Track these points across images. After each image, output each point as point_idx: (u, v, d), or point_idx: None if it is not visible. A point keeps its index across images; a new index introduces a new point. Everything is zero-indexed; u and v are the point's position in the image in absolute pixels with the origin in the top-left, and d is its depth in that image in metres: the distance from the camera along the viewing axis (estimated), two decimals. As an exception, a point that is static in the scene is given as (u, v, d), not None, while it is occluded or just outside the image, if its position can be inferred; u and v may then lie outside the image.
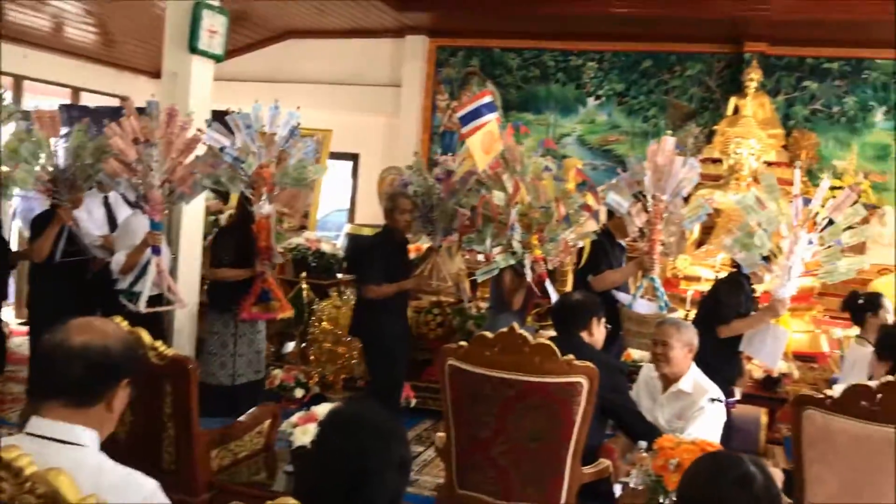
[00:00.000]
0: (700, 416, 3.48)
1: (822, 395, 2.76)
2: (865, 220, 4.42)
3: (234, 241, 4.73)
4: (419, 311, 6.04)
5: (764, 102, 8.36)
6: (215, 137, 4.47)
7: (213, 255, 4.87)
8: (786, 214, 4.14)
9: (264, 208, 4.59)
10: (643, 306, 4.69)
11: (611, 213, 4.92)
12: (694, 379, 3.63)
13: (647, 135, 9.03)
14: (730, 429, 3.91)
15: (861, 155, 8.45)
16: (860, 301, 5.01)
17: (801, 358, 6.25)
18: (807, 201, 4.15)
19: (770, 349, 4.42)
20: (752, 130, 7.59)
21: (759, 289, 4.64)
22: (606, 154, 9.19)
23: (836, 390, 2.82)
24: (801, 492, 2.82)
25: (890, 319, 4.81)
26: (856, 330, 5.82)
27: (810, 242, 4.10)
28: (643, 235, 4.69)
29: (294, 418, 3.49)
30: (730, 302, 4.44)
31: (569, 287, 5.98)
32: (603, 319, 3.69)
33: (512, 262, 4.62)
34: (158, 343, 3.17)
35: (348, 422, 1.79)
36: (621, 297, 4.72)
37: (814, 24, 7.93)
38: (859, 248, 6.17)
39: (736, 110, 8.22)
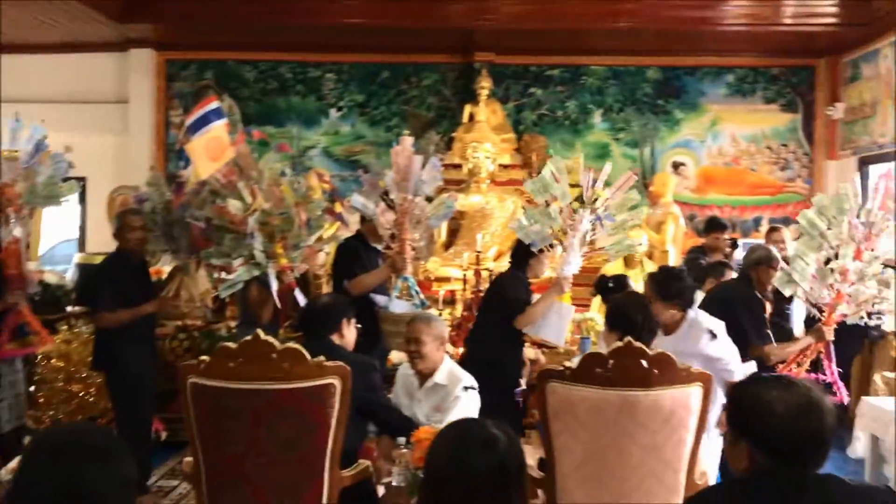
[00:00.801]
0: (456, 405, 3.53)
1: (562, 367, 2.87)
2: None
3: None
4: (164, 338, 5.63)
5: (496, 109, 8.80)
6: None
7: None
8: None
9: (14, 231, 4.08)
10: (400, 307, 4.70)
11: (364, 217, 4.91)
12: (448, 370, 3.68)
13: (391, 144, 9.10)
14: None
15: (585, 154, 9.13)
16: (609, 284, 5.39)
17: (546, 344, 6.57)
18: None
19: (556, 326, 4.60)
20: (486, 135, 7.95)
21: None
22: (353, 164, 9.20)
23: (574, 362, 2.95)
24: (551, 462, 2.92)
25: None
26: (592, 313, 6.27)
27: (596, 220, 4.36)
28: (394, 237, 4.71)
29: (13, 463, 3.07)
30: (517, 295, 4.58)
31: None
32: (353, 320, 3.63)
33: (256, 273, 4.43)
34: None
35: (56, 445, 1.56)
36: (378, 299, 4.70)
37: (536, 34, 8.50)
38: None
39: (471, 117, 8.57)
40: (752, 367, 4.14)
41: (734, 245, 7.14)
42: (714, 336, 3.81)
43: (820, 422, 1.77)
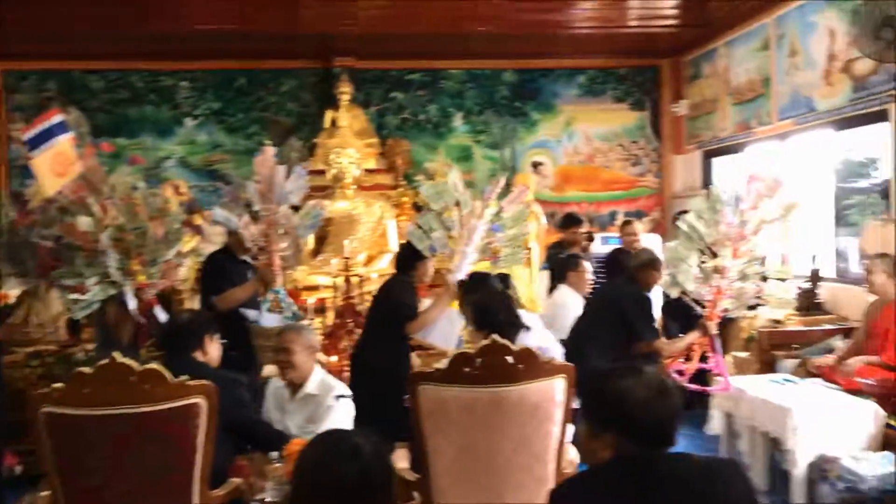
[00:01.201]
0: (329, 414, 3.51)
1: (432, 369, 2.91)
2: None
3: None
4: (14, 366, 5.30)
5: (358, 114, 8.79)
6: None
7: None
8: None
9: None
10: (272, 320, 4.61)
11: (230, 231, 4.78)
12: (320, 380, 3.66)
13: (252, 152, 8.97)
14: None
15: (447, 156, 9.30)
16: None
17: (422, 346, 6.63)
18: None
19: (445, 332, 4.62)
20: (348, 141, 7.92)
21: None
22: (212, 174, 8.96)
23: (444, 363, 2.99)
24: (425, 464, 2.95)
25: None
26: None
27: (492, 229, 4.45)
28: (262, 249, 4.61)
29: None
30: (407, 300, 4.57)
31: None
32: (216, 336, 3.54)
33: (112, 292, 4.23)
34: None
35: None
36: (248, 313, 4.59)
37: (395, 38, 8.50)
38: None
39: (333, 123, 8.51)
40: None
41: (590, 238, 7.44)
42: (528, 329, 3.97)
43: (674, 402, 1.89)
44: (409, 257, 4.72)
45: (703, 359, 4.85)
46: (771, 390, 4.74)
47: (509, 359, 2.87)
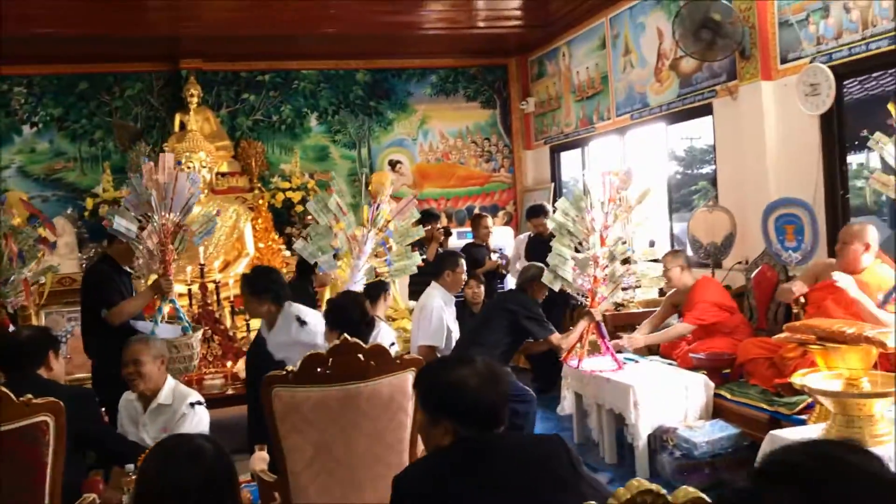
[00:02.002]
0: (184, 422, 3.50)
1: (284, 372, 2.97)
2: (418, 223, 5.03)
3: None
4: None
5: (208, 116, 8.65)
6: None
7: None
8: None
9: None
10: (168, 331, 4.53)
11: (111, 239, 4.61)
12: (172, 389, 3.63)
13: (98, 159, 8.69)
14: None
15: (304, 157, 9.29)
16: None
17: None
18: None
19: None
20: (199, 144, 7.78)
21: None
22: (56, 183, 8.57)
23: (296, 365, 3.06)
24: (283, 464, 3.01)
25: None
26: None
27: (382, 244, 4.51)
28: (154, 257, 4.49)
29: None
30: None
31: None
32: (61, 352, 3.45)
33: None
34: None
35: None
36: (140, 325, 4.47)
37: (244, 39, 8.39)
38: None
39: (182, 126, 8.34)
40: None
41: (447, 233, 7.65)
42: (303, 323, 4.14)
43: (504, 388, 2.06)
44: (306, 266, 4.88)
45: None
46: (613, 369, 5.07)
47: (360, 356, 2.98)
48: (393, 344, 5.07)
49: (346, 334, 3.06)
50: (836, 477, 1.08)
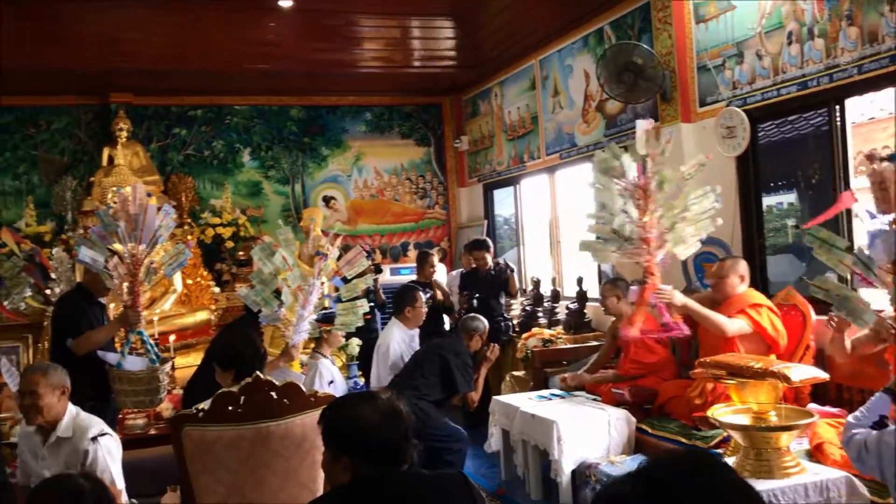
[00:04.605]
0: (93, 459, 3.32)
1: (194, 411, 2.92)
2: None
3: None
4: None
5: (138, 151, 8.52)
6: None
7: None
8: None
9: None
10: (134, 363, 4.44)
11: (85, 270, 4.63)
12: (73, 420, 3.45)
13: (22, 193, 8.50)
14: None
15: (236, 192, 9.22)
16: None
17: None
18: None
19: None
20: (127, 178, 7.63)
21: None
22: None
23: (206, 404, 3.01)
24: (192, 505, 2.95)
25: None
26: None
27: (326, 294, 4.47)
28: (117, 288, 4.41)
29: None
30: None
31: None
32: None
33: None
34: None
35: None
36: (108, 357, 4.41)
37: (176, 74, 8.34)
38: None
39: (111, 160, 8.21)
40: None
41: (378, 270, 7.64)
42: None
43: (404, 424, 2.06)
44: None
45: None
46: (538, 405, 5.11)
47: (273, 394, 2.95)
48: (332, 382, 5.06)
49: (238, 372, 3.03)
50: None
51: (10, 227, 7.59)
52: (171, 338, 5.86)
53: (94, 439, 3.32)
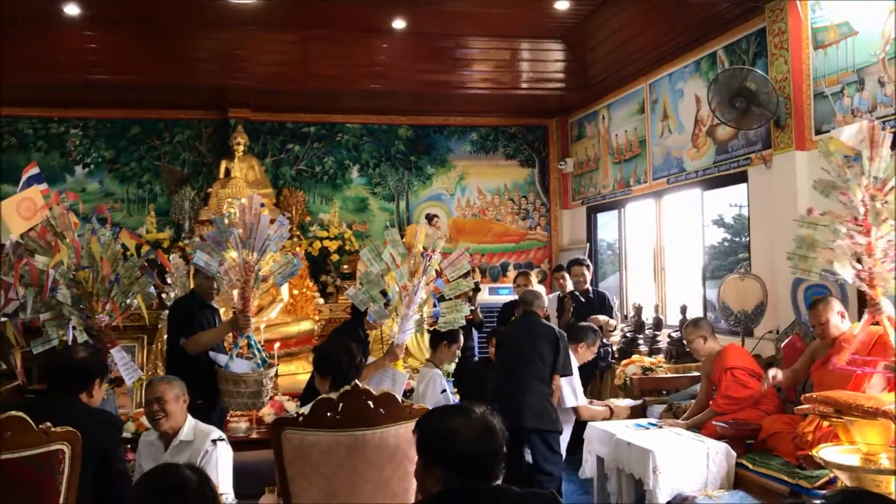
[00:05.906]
0: (209, 460, 3.51)
1: (295, 415, 3.01)
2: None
3: None
4: None
5: (253, 164, 8.89)
6: None
7: None
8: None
9: None
10: (240, 365, 4.64)
11: (196, 274, 4.95)
12: (193, 426, 3.67)
13: (144, 201, 8.98)
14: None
15: (343, 207, 9.48)
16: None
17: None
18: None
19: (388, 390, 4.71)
20: (242, 190, 7.97)
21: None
22: (101, 223, 8.79)
23: (307, 409, 3.10)
24: (288, 507, 3.04)
25: None
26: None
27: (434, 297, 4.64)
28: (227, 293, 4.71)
29: None
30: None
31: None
32: (105, 381, 3.55)
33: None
34: None
35: None
36: (218, 358, 4.64)
37: (290, 93, 8.71)
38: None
39: (227, 173, 8.59)
40: None
41: (477, 289, 7.66)
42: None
43: (498, 440, 2.08)
44: (357, 312, 5.06)
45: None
46: (635, 434, 5.01)
47: (370, 403, 3.01)
48: (444, 391, 5.12)
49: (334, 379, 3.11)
50: None
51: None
52: (276, 345, 6.04)
53: (214, 442, 3.50)
